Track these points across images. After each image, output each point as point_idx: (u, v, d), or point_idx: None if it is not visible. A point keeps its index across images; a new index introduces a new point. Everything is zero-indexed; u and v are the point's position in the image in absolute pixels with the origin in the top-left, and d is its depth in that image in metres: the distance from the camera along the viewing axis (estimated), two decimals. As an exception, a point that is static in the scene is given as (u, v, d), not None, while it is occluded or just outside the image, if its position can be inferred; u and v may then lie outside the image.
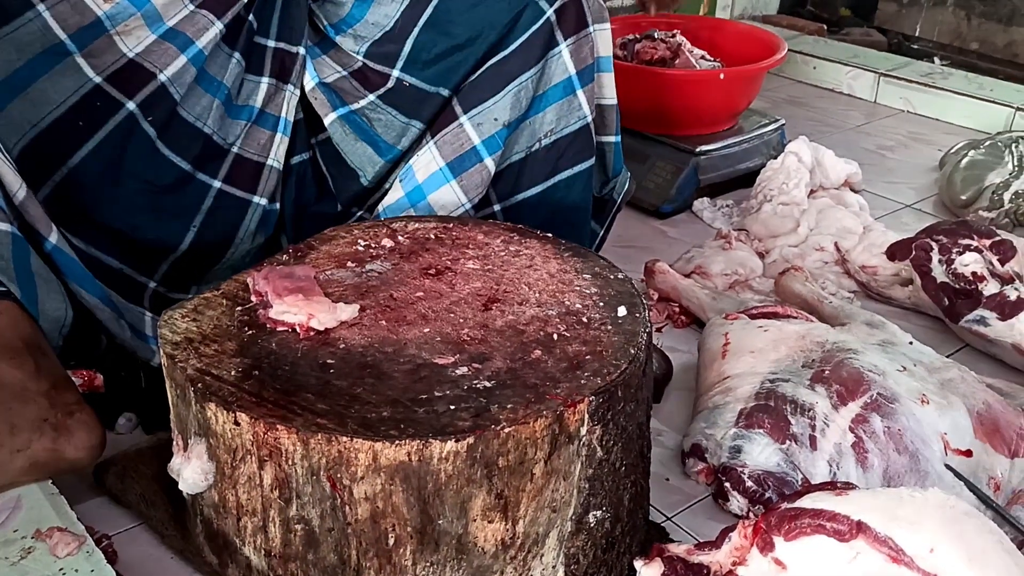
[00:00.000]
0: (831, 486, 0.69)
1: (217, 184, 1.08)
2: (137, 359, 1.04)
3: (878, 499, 0.66)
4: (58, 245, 0.95)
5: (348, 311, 0.85)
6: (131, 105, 1.02)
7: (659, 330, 1.32)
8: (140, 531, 0.92)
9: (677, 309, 1.33)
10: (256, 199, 1.11)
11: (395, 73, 1.12)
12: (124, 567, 0.85)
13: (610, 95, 1.16)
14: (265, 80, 1.11)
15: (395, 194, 1.14)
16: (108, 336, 1.02)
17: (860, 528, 0.64)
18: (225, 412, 0.75)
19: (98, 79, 1.00)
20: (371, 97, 1.15)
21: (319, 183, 1.19)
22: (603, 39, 1.13)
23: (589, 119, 1.11)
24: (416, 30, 1.10)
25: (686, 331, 1.31)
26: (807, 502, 0.67)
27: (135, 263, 1.06)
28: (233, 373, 0.78)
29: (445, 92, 1.10)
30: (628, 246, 1.51)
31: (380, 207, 1.16)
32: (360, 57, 1.14)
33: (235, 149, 1.09)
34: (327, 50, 1.16)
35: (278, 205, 1.14)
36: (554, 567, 0.80)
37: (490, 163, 1.10)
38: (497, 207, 1.13)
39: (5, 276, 0.88)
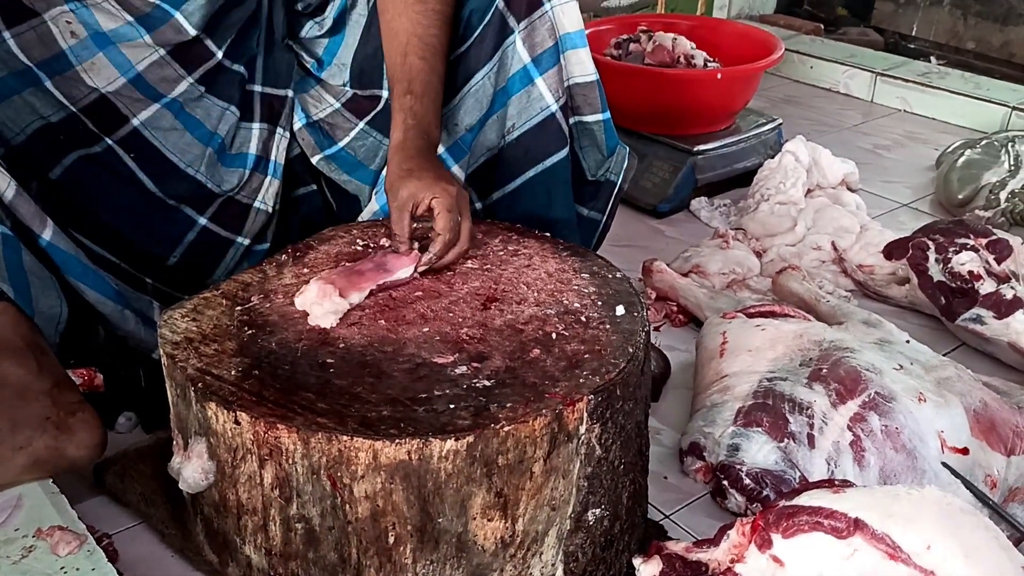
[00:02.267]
0: (828, 484, 0.69)
1: (203, 221, 1.09)
2: (136, 358, 1.05)
3: (875, 497, 0.66)
4: (53, 241, 0.95)
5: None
6: (109, 141, 1.03)
7: (657, 329, 1.32)
8: (140, 530, 0.92)
9: (675, 308, 1.33)
10: (240, 239, 1.12)
11: (384, 94, 1.11)
12: (125, 566, 0.86)
13: (585, 72, 1.08)
14: (257, 126, 1.12)
15: (371, 207, 1.15)
16: (108, 332, 1.03)
17: (857, 525, 0.65)
18: (225, 411, 0.75)
19: (73, 108, 1.00)
20: (361, 125, 1.15)
21: (327, 209, 1.20)
22: (567, 14, 1.05)
23: (553, 108, 1.05)
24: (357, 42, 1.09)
25: (684, 330, 1.31)
26: (805, 500, 0.68)
27: (133, 263, 1.06)
28: (233, 373, 0.78)
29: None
30: (626, 245, 1.52)
31: (359, 218, 1.16)
32: (349, 88, 1.14)
33: (230, 194, 1.11)
34: (315, 85, 1.16)
35: (268, 244, 1.14)
36: (553, 565, 0.80)
37: (458, 170, 1.08)
38: (479, 205, 1.13)
39: None
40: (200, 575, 0.87)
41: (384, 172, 1.10)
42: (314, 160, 1.16)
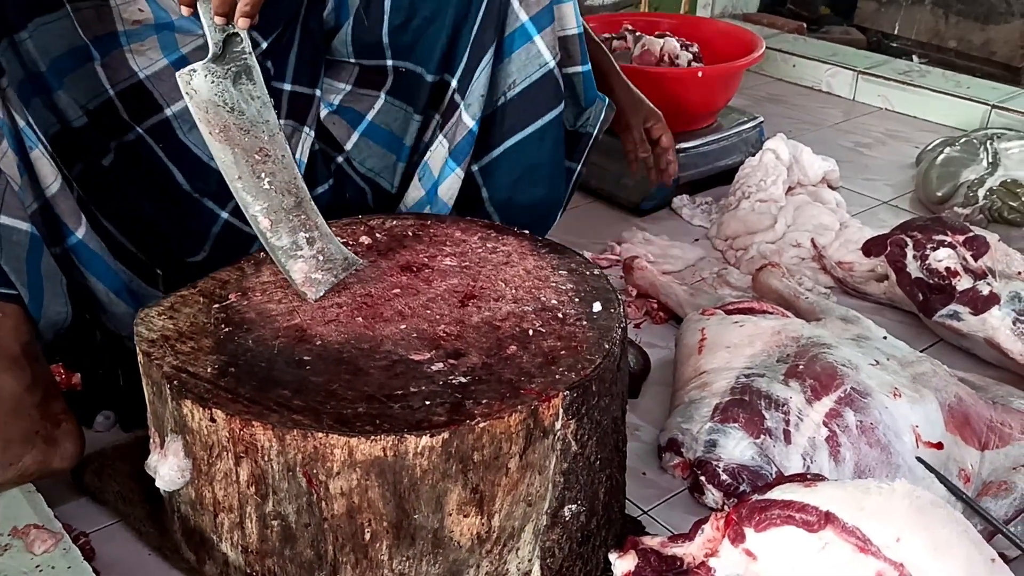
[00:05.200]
0: (801, 478, 0.70)
1: (224, 215, 1.09)
2: (120, 357, 1.04)
3: (846, 490, 0.67)
4: (83, 240, 0.96)
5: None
6: (139, 130, 1.04)
7: (637, 326, 1.32)
8: (117, 529, 0.92)
9: (655, 305, 1.34)
10: None
11: (388, 63, 1.12)
12: (101, 565, 0.85)
13: (571, 25, 1.11)
14: (281, 123, 1.11)
15: (415, 192, 1.15)
16: (105, 333, 1.03)
17: (828, 519, 0.65)
18: (201, 409, 0.75)
19: (111, 92, 1.02)
20: (383, 96, 1.15)
21: (339, 207, 1.19)
22: None
23: (552, 64, 1.07)
24: (385, 16, 1.09)
25: (664, 327, 1.32)
26: (777, 494, 0.68)
27: (156, 255, 1.07)
28: (209, 370, 0.78)
29: (430, 76, 1.09)
30: (607, 243, 1.52)
31: (401, 206, 1.17)
32: (353, 60, 1.14)
33: None
34: (328, 70, 1.16)
35: None
36: (530, 560, 0.80)
37: (476, 131, 1.10)
38: (475, 167, 1.13)
39: (17, 277, 0.88)
40: (177, 573, 0.87)
41: (427, 158, 1.12)
42: (350, 142, 1.14)
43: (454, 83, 1.10)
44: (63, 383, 0.98)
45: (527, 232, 1.03)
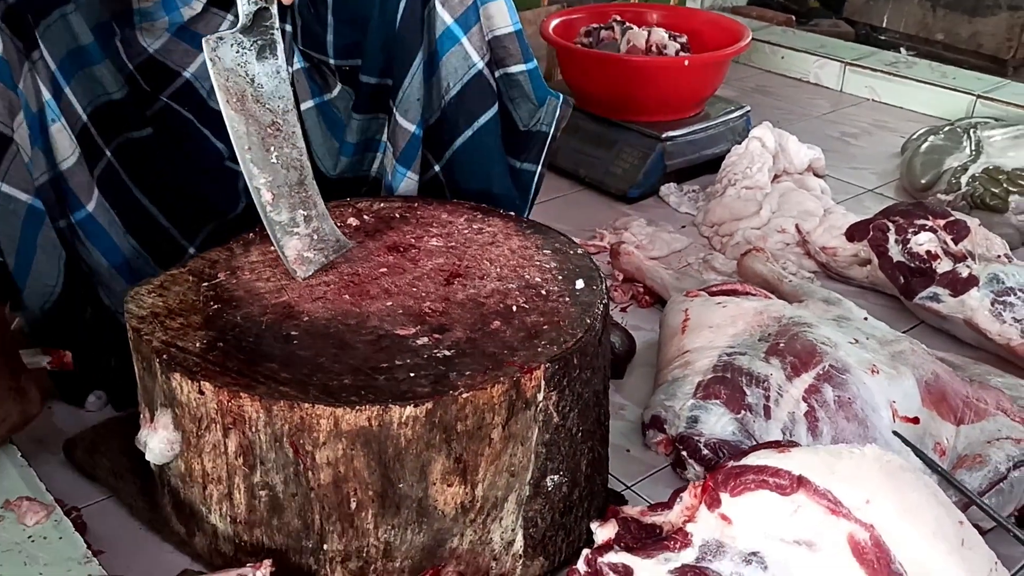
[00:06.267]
0: (775, 445, 0.72)
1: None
2: (114, 336, 1.06)
3: (818, 455, 0.68)
4: (93, 213, 1.00)
5: None
6: (163, 98, 1.08)
7: (624, 310, 1.34)
8: (109, 504, 0.93)
9: (641, 289, 1.36)
10: None
11: (332, 62, 1.14)
12: (93, 538, 0.87)
13: (505, 24, 1.09)
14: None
15: (408, 186, 1.15)
16: (98, 309, 1.05)
17: (801, 482, 0.67)
18: (190, 382, 0.77)
19: (130, 66, 1.06)
20: (340, 87, 1.17)
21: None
22: None
23: (480, 65, 1.07)
24: (329, 13, 1.11)
25: (650, 311, 1.33)
26: (752, 459, 0.70)
27: (183, 225, 1.10)
28: (198, 345, 0.80)
29: (372, 78, 1.11)
30: (596, 230, 1.54)
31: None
32: (310, 51, 1.16)
33: None
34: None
35: None
36: (513, 530, 0.82)
37: (420, 135, 1.10)
38: (437, 167, 1.14)
39: (7, 246, 0.92)
40: (168, 546, 0.88)
41: (385, 162, 1.13)
42: (304, 107, 1.15)
43: (391, 85, 1.11)
44: (55, 363, 1.00)
45: (512, 214, 1.04)
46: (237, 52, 0.87)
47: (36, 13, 0.95)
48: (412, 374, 0.77)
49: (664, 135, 1.64)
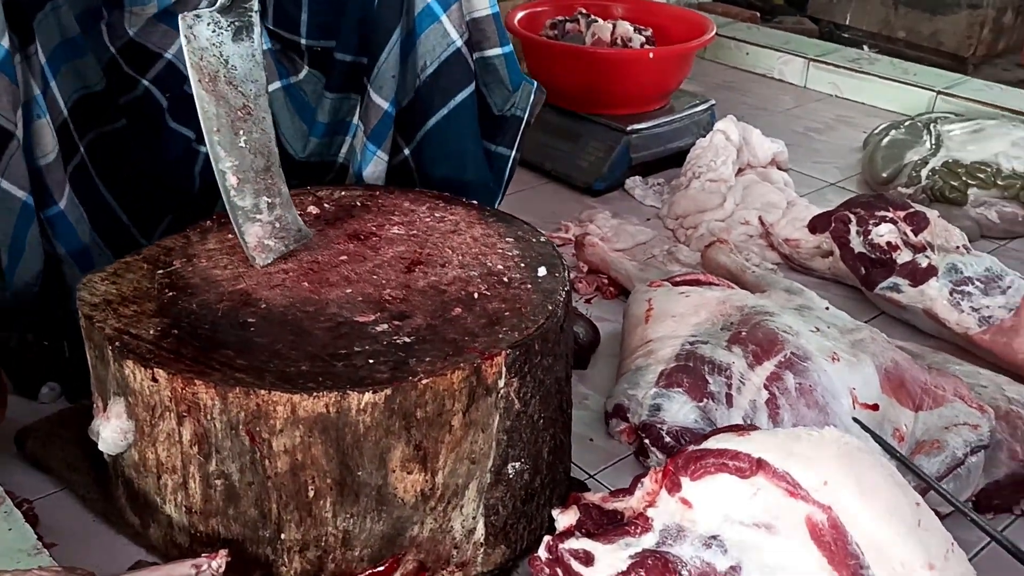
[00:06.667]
0: (735, 428, 0.72)
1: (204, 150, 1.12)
2: (68, 329, 1.04)
3: (777, 438, 0.68)
4: (64, 210, 0.98)
5: None
6: (145, 81, 1.08)
7: (588, 301, 1.34)
8: (62, 496, 0.92)
9: (606, 280, 1.36)
10: None
11: (303, 42, 1.13)
12: (44, 531, 0.85)
13: (483, 6, 1.10)
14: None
15: (375, 170, 1.14)
16: (58, 304, 1.03)
17: (760, 465, 0.67)
18: (143, 369, 0.75)
19: (112, 49, 1.06)
20: (307, 70, 1.15)
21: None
22: None
23: (459, 43, 1.07)
24: None
25: (614, 302, 1.33)
26: (712, 443, 0.70)
27: (143, 220, 1.09)
28: (152, 332, 0.79)
29: (347, 56, 1.10)
30: (561, 223, 1.54)
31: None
32: (281, 31, 1.14)
33: None
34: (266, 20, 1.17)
35: None
36: (474, 518, 0.81)
37: (392, 113, 1.10)
38: (407, 151, 1.13)
39: (1, 242, 0.92)
40: (123, 538, 0.86)
41: (355, 142, 1.12)
42: (270, 88, 1.14)
43: (366, 63, 1.10)
44: None
45: (475, 203, 1.04)
46: (213, 31, 0.86)
47: (31, 6, 0.94)
48: (371, 360, 0.76)
49: (629, 128, 1.64)
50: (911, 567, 0.64)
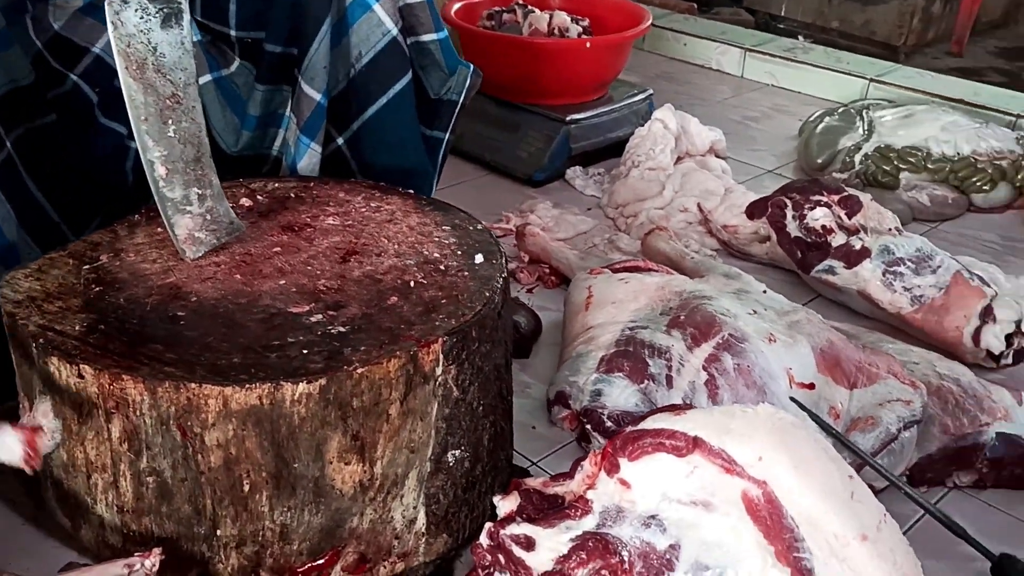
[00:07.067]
0: (672, 408, 0.72)
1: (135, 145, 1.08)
2: None
3: (713, 416, 0.69)
4: None
5: None
6: (73, 76, 1.04)
7: (530, 291, 1.34)
8: (-11, 502, 0.89)
9: (547, 270, 1.36)
10: None
11: (233, 33, 1.11)
12: (-29, 537, 0.82)
13: None
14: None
15: (280, 170, 1.14)
16: None
17: (696, 443, 0.67)
18: (69, 365, 0.73)
19: (38, 44, 1.02)
20: (238, 62, 1.13)
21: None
22: None
23: (394, 32, 1.07)
24: None
25: (556, 291, 1.34)
26: (649, 423, 0.70)
27: (74, 218, 1.05)
28: (77, 328, 0.76)
29: (276, 47, 1.08)
30: (502, 214, 1.53)
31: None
32: (209, 22, 1.12)
33: None
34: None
35: None
36: (415, 508, 0.81)
37: (325, 104, 1.08)
38: (340, 140, 1.12)
39: None
40: (53, 541, 0.84)
41: (287, 136, 1.10)
42: (201, 81, 1.11)
43: (296, 55, 1.08)
44: None
45: (412, 192, 1.03)
46: (141, 18, 0.84)
47: None
48: (305, 351, 0.75)
49: (569, 118, 1.65)
50: (844, 538, 0.65)
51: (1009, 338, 1.17)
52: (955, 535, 0.89)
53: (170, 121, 0.86)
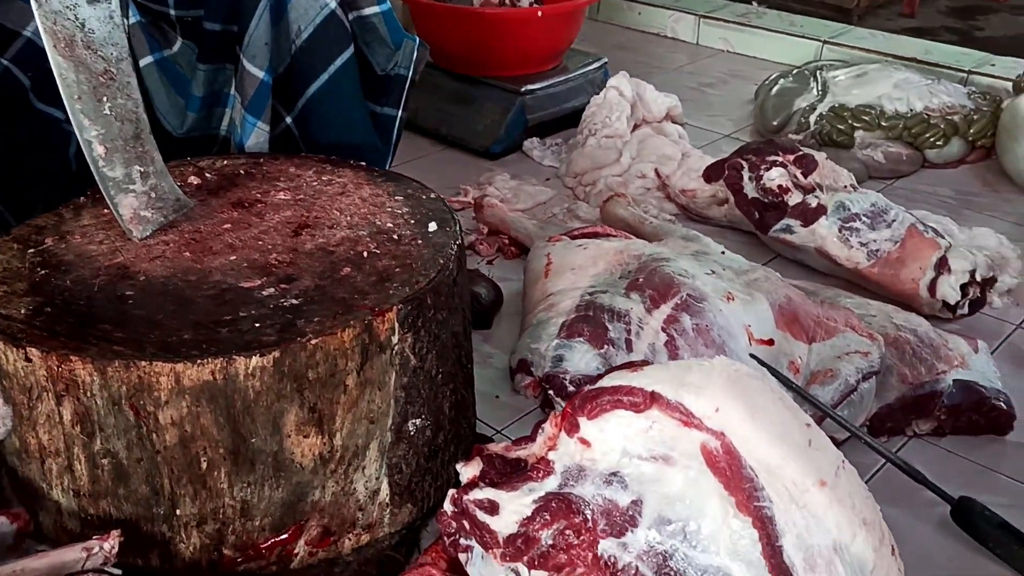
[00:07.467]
0: (629, 366, 0.72)
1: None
2: None
3: (669, 370, 0.69)
4: None
5: None
6: (4, 62, 1.01)
7: (490, 262, 1.33)
8: (-57, 494, 0.87)
9: (507, 241, 1.35)
10: None
11: (172, 13, 1.08)
12: (-75, 530, 0.80)
13: None
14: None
15: (256, 140, 1.10)
16: None
17: (653, 398, 0.67)
18: (15, 349, 0.71)
19: None
20: (180, 41, 1.11)
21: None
22: None
23: (332, 6, 1.05)
24: None
25: (516, 262, 1.33)
26: (606, 381, 0.70)
27: (16, 205, 1.02)
28: (23, 311, 0.75)
29: (216, 25, 1.06)
30: (460, 187, 1.52)
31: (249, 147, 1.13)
32: (148, 3, 1.10)
33: None
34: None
35: None
36: (377, 478, 0.80)
37: (269, 82, 1.07)
38: (289, 119, 1.11)
39: None
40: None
41: (234, 115, 1.08)
42: (142, 63, 1.10)
43: (236, 32, 1.06)
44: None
45: (363, 164, 1.01)
46: None
47: None
48: (257, 324, 0.74)
49: (524, 89, 1.64)
50: (803, 485, 0.65)
51: (964, 288, 1.18)
52: (915, 481, 0.90)
53: (105, 98, 0.84)
